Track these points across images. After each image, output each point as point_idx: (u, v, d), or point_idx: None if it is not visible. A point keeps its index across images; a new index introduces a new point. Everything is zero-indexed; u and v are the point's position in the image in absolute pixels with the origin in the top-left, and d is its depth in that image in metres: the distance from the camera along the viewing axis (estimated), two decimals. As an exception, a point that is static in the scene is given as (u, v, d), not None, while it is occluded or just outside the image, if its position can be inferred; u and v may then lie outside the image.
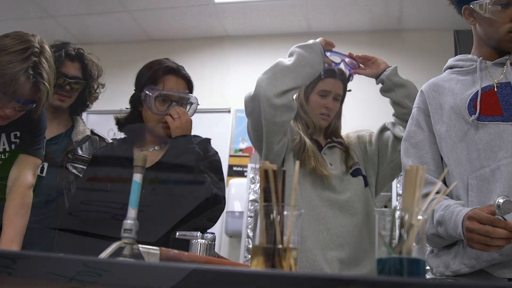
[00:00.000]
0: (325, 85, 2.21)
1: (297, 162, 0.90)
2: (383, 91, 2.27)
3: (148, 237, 1.81)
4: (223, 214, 4.33)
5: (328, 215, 2.04)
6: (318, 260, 1.92)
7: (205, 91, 4.71)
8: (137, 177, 0.97)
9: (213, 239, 1.32)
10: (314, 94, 2.22)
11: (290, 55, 2.08)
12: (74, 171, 2.19)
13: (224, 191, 1.98)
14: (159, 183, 1.93)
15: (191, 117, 2.04)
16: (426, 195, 1.63)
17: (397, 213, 0.85)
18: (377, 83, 2.29)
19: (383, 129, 2.29)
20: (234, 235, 4.35)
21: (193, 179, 1.87)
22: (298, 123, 2.22)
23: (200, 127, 2.75)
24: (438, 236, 1.58)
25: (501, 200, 1.38)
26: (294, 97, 2.14)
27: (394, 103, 2.24)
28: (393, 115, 2.26)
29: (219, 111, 4.79)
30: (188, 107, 2.06)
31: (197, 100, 2.06)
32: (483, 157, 1.60)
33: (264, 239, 0.87)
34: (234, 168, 4.68)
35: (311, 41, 2.11)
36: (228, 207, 4.34)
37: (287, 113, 2.00)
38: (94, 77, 2.33)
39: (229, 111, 4.75)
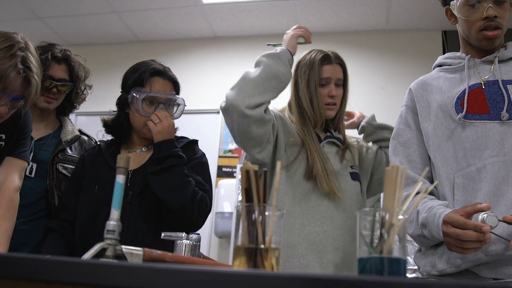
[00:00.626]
0: (324, 73, 2.11)
1: (279, 163, 0.90)
2: (366, 137, 2.31)
3: (135, 239, 1.83)
4: (213, 215, 4.35)
5: (325, 215, 1.97)
6: (312, 265, 1.89)
7: (194, 92, 4.71)
8: (120, 178, 0.97)
9: (198, 240, 1.32)
10: (314, 85, 2.11)
11: (257, 65, 1.95)
12: (64, 171, 2.18)
13: (210, 193, 1.98)
14: (146, 185, 1.93)
15: (178, 118, 2.05)
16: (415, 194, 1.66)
17: (378, 213, 0.85)
18: (359, 133, 2.33)
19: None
20: (224, 236, 4.35)
21: (177, 183, 1.87)
22: (301, 122, 2.11)
23: (190, 128, 2.75)
24: (424, 237, 1.58)
25: (485, 216, 1.37)
26: (289, 96, 2.13)
27: (379, 141, 2.28)
28: (380, 147, 2.28)
29: (208, 112, 4.79)
30: (175, 108, 2.06)
31: (184, 101, 2.07)
32: (470, 155, 1.60)
33: (246, 239, 0.87)
34: (224, 169, 4.67)
35: (279, 49, 2.00)
36: (218, 207, 4.33)
37: (262, 126, 1.89)
38: (81, 79, 2.32)
39: (218, 112, 4.74)
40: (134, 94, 1.98)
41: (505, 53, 1.73)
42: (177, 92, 2.08)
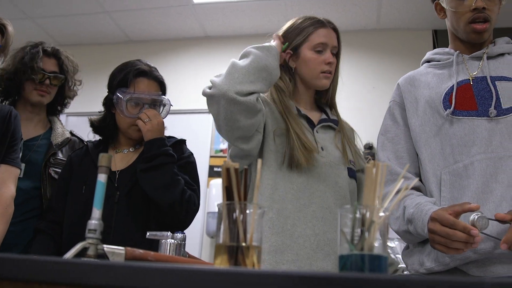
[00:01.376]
0: (320, 37, 1.89)
1: (259, 161, 0.90)
2: None
3: (123, 238, 1.82)
4: (204, 215, 4.34)
5: (317, 216, 1.77)
6: None
7: (185, 92, 4.70)
8: (102, 178, 0.96)
9: (183, 239, 1.32)
10: (306, 50, 1.89)
11: (245, 55, 1.74)
12: (56, 176, 2.18)
13: (198, 193, 1.98)
14: (133, 185, 1.92)
15: (165, 118, 2.04)
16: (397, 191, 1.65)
17: (359, 210, 0.85)
18: None
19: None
20: (216, 236, 4.34)
21: (166, 181, 1.87)
22: (284, 98, 1.88)
23: (181, 127, 2.75)
24: (410, 233, 1.57)
25: (475, 217, 1.36)
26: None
27: None
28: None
29: (200, 112, 4.79)
30: (161, 108, 2.05)
31: (169, 101, 2.06)
32: (457, 152, 1.59)
33: (228, 238, 0.87)
34: (215, 169, 4.67)
35: (267, 44, 1.78)
36: (209, 207, 4.33)
37: (253, 116, 1.68)
38: (71, 73, 2.33)
39: (208, 112, 4.74)
40: (118, 95, 1.98)
41: (494, 49, 1.72)
42: (163, 93, 2.07)
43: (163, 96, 2.06)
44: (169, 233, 1.32)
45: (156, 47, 5.16)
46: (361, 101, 4.53)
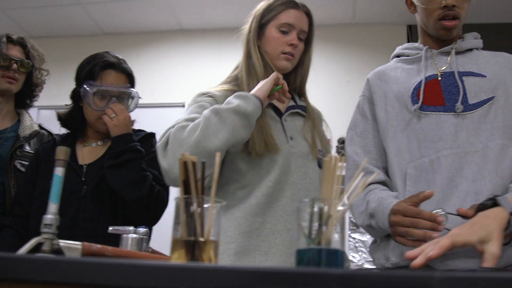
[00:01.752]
0: (287, 17, 1.80)
1: (218, 154, 0.89)
2: None
3: (90, 234, 1.80)
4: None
5: (288, 210, 1.68)
6: None
7: (160, 86, 4.68)
8: (59, 171, 0.94)
9: (146, 234, 1.30)
10: (272, 28, 1.82)
11: (223, 113, 1.57)
12: (22, 169, 2.14)
13: (167, 188, 1.96)
14: (101, 179, 1.90)
15: (133, 111, 2.02)
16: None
17: (317, 204, 0.85)
18: None
19: None
20: (173, 230, 4.32)
21: (134, 178, 1.85)
22: (245, 76, 1.79)
23: (156, 121, 2.72)
24: (373, 228, 1.58)
25: (439, 212, 1.39)
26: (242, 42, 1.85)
27: None
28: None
29: (175, 106, 4.75)
30: (129, 101, 2.03)
31: (138, 94, 2.04)
32: (423, 147, 1.59)
33: (185, 232, 0.86)
34: (190, 163, 4.65)
35: (250, 106, 1.59)
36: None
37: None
38: (38, 61, 2.29)
39: (183, 105, 4.70)
40: (85, 88, 1.95)
41: (462, 44, 1.72)
42: (132, 85, 2.05)
43: (132, 89, 2.03)
44: (131, 228, 1.31)
45: (130, 40, 5.10)
46: (337, 95, 4.54)
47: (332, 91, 4.47)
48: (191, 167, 0.86)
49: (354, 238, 4.06)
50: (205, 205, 0.87)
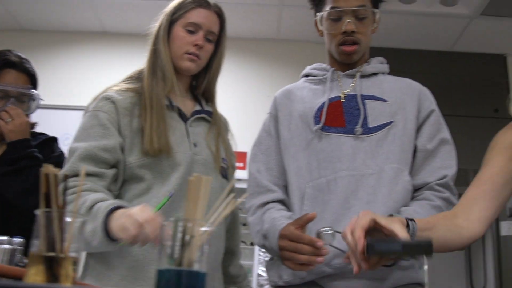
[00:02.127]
0: (195, 16, 1.72)
1: (83, 167, 0.86)
2: None
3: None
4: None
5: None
6: None
7: (77, 88, 4.53)
8: None
9: (22, 245, 1.24)
10: (179, 27, 1.73)
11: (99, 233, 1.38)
12: None
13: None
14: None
15: (33, 114, 1.94)
16: (265, 203, 1.65)
17: (180, 223, 0.83)
18: None
19: None
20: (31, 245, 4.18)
21: (29, 186, 1.77)
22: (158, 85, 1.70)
23: (71, 124, 2.62)
24: (267, 248, 1.58)
25: (326, 230, 1.40)
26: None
27: None
28: None
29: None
30: (30, 103, 1.95)
31: (39, 96, 1.96)
32: (322, 167, 1.61)
33: (44, 247, 0.83)
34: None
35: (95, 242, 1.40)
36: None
37: None
38: None
39: (100, 109, 4.61)
40: None
41: (367, 68, 1.77)
42: (35, 86, 1.97)
43: (33, 90, 1.95)
44: (6, 238, 1.24)
45: (49, 38, 4.93)
46: (257, 109, 4.56)
47: (255, 104, 4.48)
48: (53, 180, 0.83)
49: (264, 252, 4.08)
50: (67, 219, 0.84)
